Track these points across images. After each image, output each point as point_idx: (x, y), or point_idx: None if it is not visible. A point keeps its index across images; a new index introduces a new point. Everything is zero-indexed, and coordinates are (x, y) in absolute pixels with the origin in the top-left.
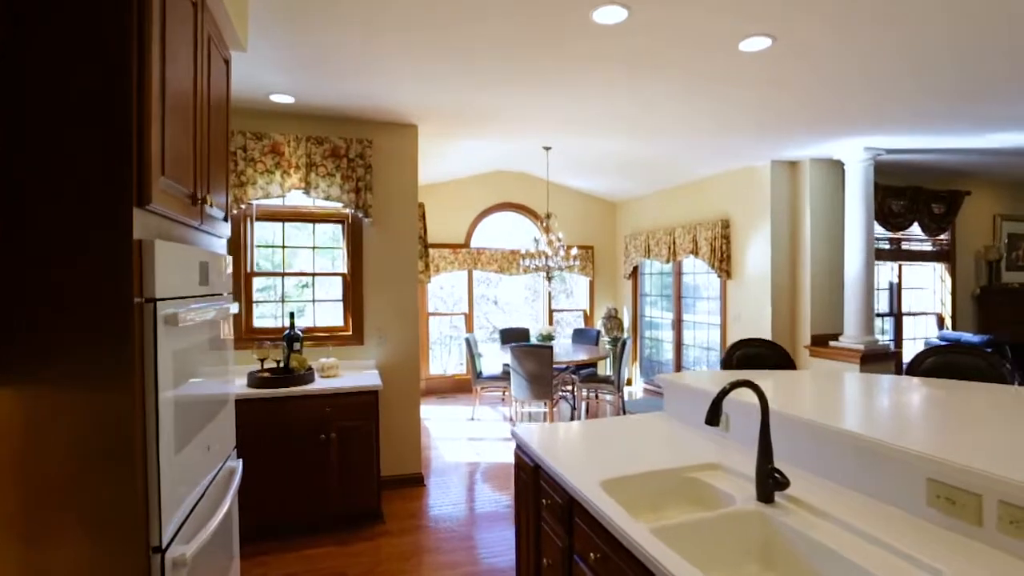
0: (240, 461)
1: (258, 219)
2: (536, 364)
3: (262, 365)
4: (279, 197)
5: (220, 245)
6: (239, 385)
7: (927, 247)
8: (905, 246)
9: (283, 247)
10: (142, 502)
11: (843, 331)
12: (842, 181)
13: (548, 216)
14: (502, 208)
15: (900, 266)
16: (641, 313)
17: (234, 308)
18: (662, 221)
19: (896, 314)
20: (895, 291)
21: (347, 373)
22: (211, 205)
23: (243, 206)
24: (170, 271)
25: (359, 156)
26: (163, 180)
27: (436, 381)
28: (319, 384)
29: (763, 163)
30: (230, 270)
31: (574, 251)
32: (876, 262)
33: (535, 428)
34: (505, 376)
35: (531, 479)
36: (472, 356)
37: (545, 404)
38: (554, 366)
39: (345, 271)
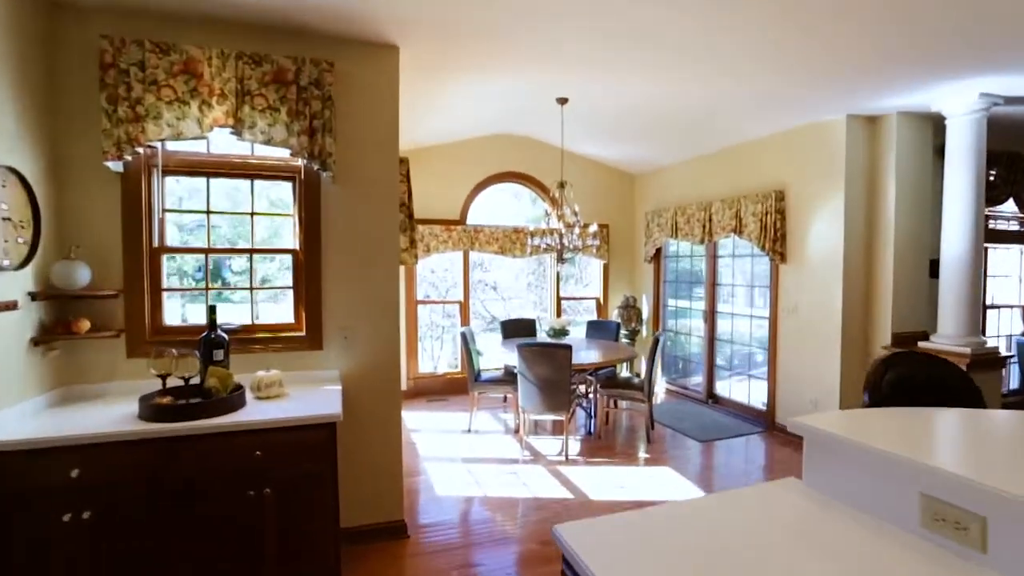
0: None
1: (169, 172)
2: (550, 368)
3: (164, 384)
4: (198, 138)
5: None
6: (120, 416)
7: (1014, 226)
8: (991, 225)
9: (207, 212)
10: None
11: (935, 328)
12: (934, 141)
13: (562, 185)
14: (504, 178)
15: (986, 249)
16: (663, 302)
17: None
18: (695, 194)
19: (981, 306)
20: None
21: (297, 391)
22: None
23: (141, 150)
24: None
25: (314, 84)
26: None
27: (425, 381)
28: (249, 413)
29: (835, 118)
30: None
31: (593, 228)
32: None
33: (598, 543)
34: (509, 379)
35: None
36: (469, 354)
37: (560, 414)
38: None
39: (296, 247)
